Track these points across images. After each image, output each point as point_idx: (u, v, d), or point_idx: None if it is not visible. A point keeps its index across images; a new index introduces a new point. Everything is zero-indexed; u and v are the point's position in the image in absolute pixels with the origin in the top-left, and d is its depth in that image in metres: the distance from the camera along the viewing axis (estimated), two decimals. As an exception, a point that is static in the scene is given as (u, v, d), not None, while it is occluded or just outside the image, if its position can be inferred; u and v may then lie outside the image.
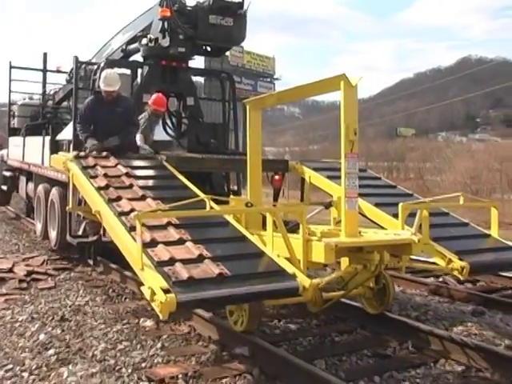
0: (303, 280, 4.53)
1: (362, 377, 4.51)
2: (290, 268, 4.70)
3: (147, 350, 4.97)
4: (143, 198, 5.86)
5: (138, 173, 6.66)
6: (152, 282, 4.16)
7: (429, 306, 6.84)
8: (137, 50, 9.66)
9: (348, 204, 5.45)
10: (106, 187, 5.98)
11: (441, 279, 8.33)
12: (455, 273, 5.69)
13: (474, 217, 7.17)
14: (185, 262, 4.43)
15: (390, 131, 79.39)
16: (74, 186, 6.58)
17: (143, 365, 4.62)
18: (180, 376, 4.34)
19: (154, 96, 8.51)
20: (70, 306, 6.41)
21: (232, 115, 10.05)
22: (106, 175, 6.31)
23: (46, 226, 9.98)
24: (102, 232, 7.71)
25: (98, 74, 8.89)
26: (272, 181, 8.21)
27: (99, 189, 5.97)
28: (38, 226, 10.64)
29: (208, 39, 8.96)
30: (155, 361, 4.73)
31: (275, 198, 8.33)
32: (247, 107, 6.80)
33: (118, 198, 5.75)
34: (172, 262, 4.40)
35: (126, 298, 6.96)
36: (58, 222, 9.23)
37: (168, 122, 9.74)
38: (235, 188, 9.74)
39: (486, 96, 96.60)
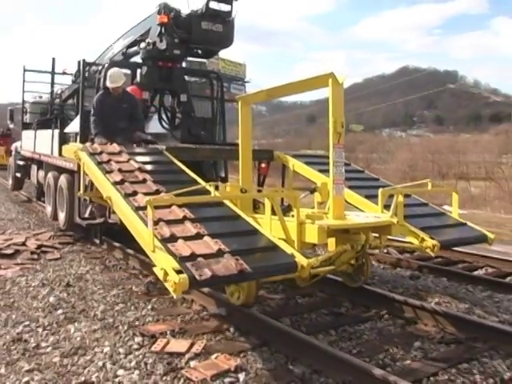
0: (301, 259, 4.14)
1: (320, 331, 4.62)
2: (288, 249, 4.31)
3: (140, 311, 5.02)
4: (144, 181, 5.44)
5: (142, 160, 6.18)
6: (164, 263, 3.72)
7: (375, 272, 6.91)
8: (136, 53, 9.16)
9: (336, 190, 5.07)
10: (118, 177, 5.52)
11: (385, 250, 8.12)
12: (427, 250, 5.36)
13: (430, 200, 6.89)
14: (205, 256, 3.90)
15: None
16: (84, 172, 6.09)
17: (137, 323, 4.68)
18: (168, 332, 4.42)
19: (129, 88, 8.16)
20: (73, 274, 6.40)
21: (220, 110, 9.61)
22: (115, 162, 5.84)
23: (56, 208, 9.45)
24: (107, 214, 7.32)
25: (102, 74, 8.43)
26: (259, 168, 7.80)
27: (108, 173, 5.52)
28: (49, 209, 10.07)
29: (201, 43, 8.53)
30: (147, 319, 4.78)
31: (261, 184, 7.91)
32: (239, 103, 6.36)
33: (122, 182, 5.32)
34: (193, 256, 3.85)
35: (120, 268, 6.88)
36: (66, 205, 8.70)
37: (163, 116, 9.30)
38: (222, 175, 9.34)
39: (421, 99, 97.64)
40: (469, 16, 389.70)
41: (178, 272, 3.59)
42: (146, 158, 6.29)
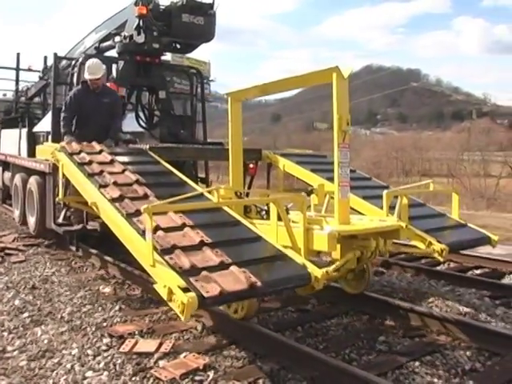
0: (314, 270, 3.77)
1: (287, 328, 4.62)
2: (298, 258, 3.93)
3: (107, 312, 4.98)
4: (132, 184, 5.00)
5: (126, 161, 5.71)
6: (168, 279, 3.30)
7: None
8: (111, 47, 8.60)
9: (341, 193, 4.71)
10: (100, 173, 5.05)
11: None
12: (435, 255, 5.06)
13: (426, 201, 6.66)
14: (209, 269, 3.50)
15: (308, 125, 79.94)
16: (63, 175, 5.57)
17: (104, 324, 4.64)
18: (136, 332, 4.39)
19: None
20: (39, 277, 6.30)
21: (201, 108, 9.16)
22: (97, 163, 5.36)
23: (24, 212, 8.84)
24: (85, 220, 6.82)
25: (75, 69, 7.89)
26: (247, 169, 7.37)
27: (92, 176, 5.03)
28: (16, 213, 9.42)
29: (181, 36, 8.02)
30: (115, 320, 4.74)
31: (249, 186, 7.49)
32: (229, 99, 5.94)
33: (107, 186, 4.86)
34: (196, 270, 3.45)
35: (86, 269, 6.77)
36: (37, 209, 8.11)
37: (141, 114, 8.80)
38: (203, 175, 8.91)
39: (385, 97, 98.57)
40: (432, 15, 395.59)
41: (184, 290, 3.17)
42: (131, 159, 5.82)
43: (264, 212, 5.58)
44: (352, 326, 4.75)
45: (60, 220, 7.35)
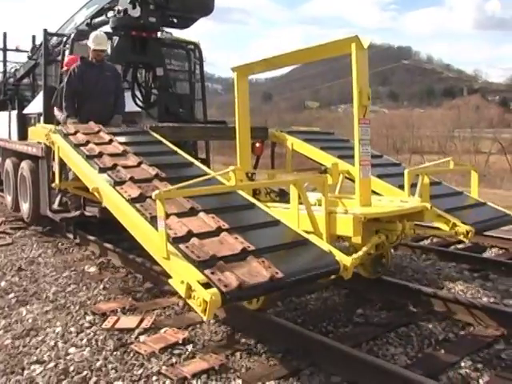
0: (343, 258, 3.42)
1: (268, 304, 4.38)
2: (323, 244, 3.59)
3: (91, 291, 5.03)
4: (139, 165, 4.61)
5: (128, 141, 5.28)
6: (186, 274, 2.92)
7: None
8: (104, 23, 8.09)
9: (362, 172, 4.34)
10: (100, 156, 4.67)
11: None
12: (461, 237, 4.72)
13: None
14: (226, 259, 3.13)
15: (299, 104, 79.50)
16: (59, 159, 5.16)
17: (88, 302, 4.71)
18: (119, 309, 4.46)
19: (67, 59, 7.07)
20: (25, 258, 6.34)
21: (200, 85, 8.73)
22: (96, 144, 4.94)
23: (17, 198, 8.43)
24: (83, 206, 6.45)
25: (67, 46, 7.42)
26: (253, 149, 6.96)
27: (91, 159, 4.63)
28: (8, 199, 9.01)
29: (179, 10, 7.58)
30: (98, 299, 4.81)
31: (255, 166, 7.10)
32: (235, 74, 5.54)
33: (114, 166, 4.47)
34: (214, 259, 3.09)
35: (73, 250, 6.78)
36: (30, 195, 7.72)
37: (137, 92, 8.33)
38: (203, 156, 8.51)
39: (376, 75, 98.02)
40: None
41: (205, 285, 2.82)
42: (133, 139, 5.40)
43: (275, 195, 5.24)
44: (331, 300, 4.81)
45: (55, 206, 6.98)
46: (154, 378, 3.26)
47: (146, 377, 3.27)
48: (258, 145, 6.79)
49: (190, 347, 3.67)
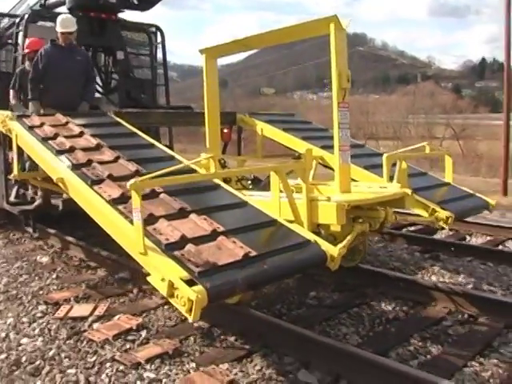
0: (329, 248, 3.27)
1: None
2: (307, 234, 3.42)
3: (44, 281, 4.97)
4: (116, 160, 4.26)
5: (95, 130, 4.94)
6: (167, 271, 2.70)
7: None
8: (60, 4, 7.64)
9: (342, 157, 4.21)
10: (70, 149, 4.33)
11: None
12: (440, 223, 4.63)
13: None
14: (197, 240, 2.97)
15: (255, 91, 79.27)
16: (17, 147, 4.79)
17: (41, 292, 4.65)
18: (72, 298, 4.43)
19: (28, 41, 6.60)
20: None
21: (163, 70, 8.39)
22: (63, 136, 4.60)
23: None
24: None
25: (20, 27, 6.97)
26: (221, 134, 6.70)
27: (60, 152, 4.29)
28: (-41, 191, 8.48)
29: None
30: (51, 288, 4.75)
31: (223, 153, 6.85)
32: (203, 56, 5.29)
33: (89, 162, 4.12)
34: (183, 242, 2.91)
35: (25, 240, 6.65)
36: (-17, 187, 7.24)
37: (97, 78, 7.93)
38: (167, 143, 8.20)
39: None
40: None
41: (189, 283, 2.60)
42: (106, 131, 5.00)
43: (264, 182, 5.02)
44: (285, 283, 4.77)
45: (12, 198, 6.55)
46: (108, 364, 3.23)
47: (100, 363, 3.25)
48: (225, 130, 6.56)
49: (143, 333, 3.68)
